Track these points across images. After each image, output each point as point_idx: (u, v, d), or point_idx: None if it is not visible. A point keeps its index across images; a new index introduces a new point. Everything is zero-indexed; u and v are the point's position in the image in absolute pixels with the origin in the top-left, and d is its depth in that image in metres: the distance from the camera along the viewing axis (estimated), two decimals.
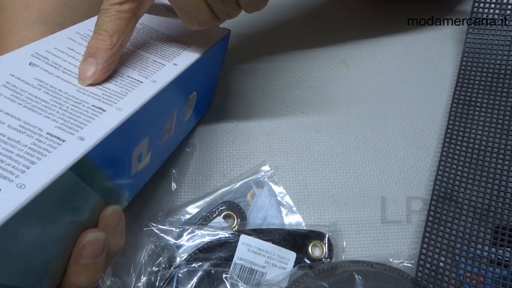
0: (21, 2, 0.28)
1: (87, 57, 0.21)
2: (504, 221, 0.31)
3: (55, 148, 0.17)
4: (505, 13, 0.39)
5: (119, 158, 0.21)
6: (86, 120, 0.19)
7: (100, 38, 0.21)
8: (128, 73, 0.23)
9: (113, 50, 0.21)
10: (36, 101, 0.18)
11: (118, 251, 0.22)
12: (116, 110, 0.20)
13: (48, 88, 0.19)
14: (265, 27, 0.43)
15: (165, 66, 0.24)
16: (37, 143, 0.17)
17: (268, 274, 0.29)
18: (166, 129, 0.27)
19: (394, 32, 0.43)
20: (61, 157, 0.16)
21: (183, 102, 0.28)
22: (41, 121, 0.18)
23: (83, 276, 0.19)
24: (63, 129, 0.18)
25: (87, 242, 0.19)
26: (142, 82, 0.22)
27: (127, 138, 0.21)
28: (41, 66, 0.21)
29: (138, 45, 0.25)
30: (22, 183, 0.15)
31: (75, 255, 0.19)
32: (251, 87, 0.39)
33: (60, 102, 0.19)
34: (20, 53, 0.21)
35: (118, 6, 0.21)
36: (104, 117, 0.19)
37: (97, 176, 0.19)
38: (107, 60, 0.21)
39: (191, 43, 0.27)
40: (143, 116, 0.22)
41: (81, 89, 0.20)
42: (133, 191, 0.26)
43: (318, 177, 0.35)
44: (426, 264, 0.30)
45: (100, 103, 0.20)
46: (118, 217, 0.21)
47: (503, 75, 0.37)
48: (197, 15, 0.23)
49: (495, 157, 0.33)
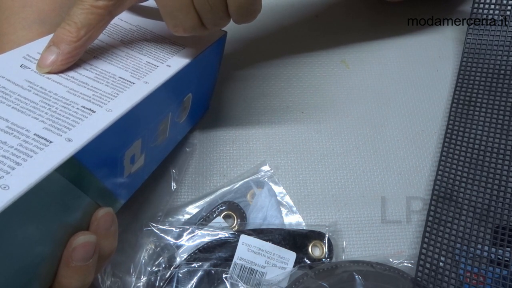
0: (19, 2, 0.27)
1: (50, 45, 0.21)
2: (504, 221, 0.31)
3: (42, 149, 0.17)
4: (505, 13, 0.39)
5: (110, 159, 0.21)
6: (74, 121, 0.18)
7: (67, 28, 0.21)
8: (120, 74, 0.23)
9: (78, 43, 0.21)
10: (25, 103, 0.18)
11: (111, 253, 0.22)
12: (106, 111, 0.20)
13: (38, 89, 0.19)
14: (265, 27, 0.43)
15: (158, 68, 0.24)
16: (24, 144, 0.16)
17: (268, 274, 0.29)
18: (160, 131, 0.27)
19: (394, 32, 0.43)
20: (47, 158, 0.16)
21: (177, 104, 0.28)
22: (29, 122, 0.18)
23: (74, 279, 0.19)
24: (51, 130, 0.18)
25: (77, 244, 0.19)
26: (134, 83, 0.22)
27: (117, 139, 0.21)
28: (32, 68, 0.20)
29: (131, 46, 0.25)
30: (6, 184, 0.15)
31: (66, 258, 0.19)
32: (251, 87, 0.39)
33: (50, 103, 0.19)
34: (11, 55, 0.21)
35: (93, 1, 0.21)
36: (93, 118, 0.19)
37: (86, 178, 0.19)
38: (69, 52, 0.21)
39: (186, 45, 0.27)
40: (134, 118, 0.21)
41: (71, 90, 0.20)
42: (127, 193, 0.25)
43: (318, 177, 0.35)
44: (426, 264, 0.30)
45: (90, 104, 0.20)
46: (110, 219, 0.21)
47: (503, 75, 0.37)
48: (183, 21, 0.22)
49: (495, 157, 0.33)
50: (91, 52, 0.23)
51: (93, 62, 0.23)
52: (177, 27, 0.23)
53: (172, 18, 0.22)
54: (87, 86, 0.21)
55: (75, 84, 0.21)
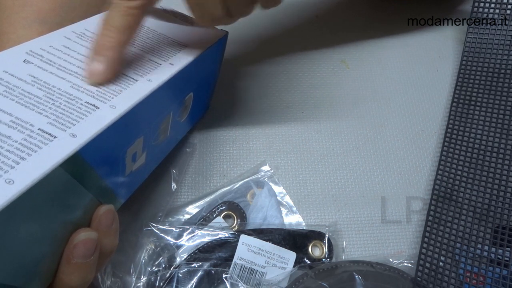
0: (19, 2, 0.27)
1: (94, 55, 0.21)
2: (504, 220, 0.31)
3: (46, 144, 0.16)
4: (505, 13, 0.39)
5: (112, 157, 0.21)
6: (78, 116, 0.18)
7: (110, 35, 0.21)
8: (123, 71, 0.23)
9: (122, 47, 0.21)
10: (29, 97, 0.18)
11: (112, 251, 0.22)
12: (110, 107, 0.20)
13: (41, 84, 0.19)
14: (265, 27, 0.43)
15: (161, 66, 0.24)
16: (28, 139, 0.16)
17: (268, 274, 0.29)
18: (162, 130, 0.27)
19: (394, 32, 0.43)
20: (52, 154, 0.16)
21: (179, 102, 0.28)
22: (33, 116, 0.17)
23: (74, 276, 0.19)
24: (55, 125, 0.17)
25: (78, 241, 0.19)
26: (137, 81, 0.22)
27: (120, 136, 0.21)
28: (35, 63, 0.20)
29: (135, 43, 0.25)
30: (11, 178, 0.15)
31: (67, 255, 0.19)
32: (251, 87, 0.39)
33: (53, 98, 0.19)
34: (14, 51, 0.21)
35: (127, 1, 0.21)
36: (97, 114, 0.19)
37: (89, 174, 0.19)
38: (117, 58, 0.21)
39: (188, 44, 0.27)
40: (137, 115, 0.21)
41: (75, 85, 0.20)
42: (128, 191, 0.25)
43: (318, 177, 0.35)
44: (426, 263, 0.30)
45: (93, 100, 0.20)
46: (111, 217, 0.21)
47: (503, 75, 0.37)
48: (210, 10, 0.22)
49: (495, 157, 0.33)
50: None
51: None
52: (203, 17, 0.23)
53: (199, 8, 0.22)
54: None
55: (78, 80, 0.21)
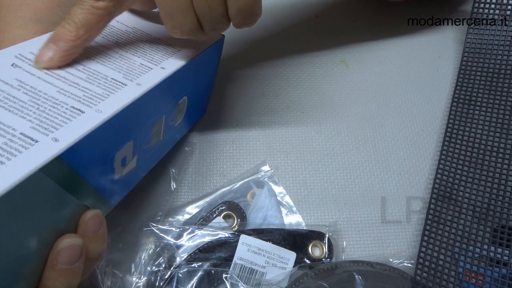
0: (16, 1, 0.27)
1: (49, 42, 0.21)
2: (504, 220, 0.31)
3: (27, 148, 0.16)
4: (505, 13, 0.39)
5: (99, 161, 0.21)
6: (62, 121, 0.18)
7: (67, 27, 0.21)
8: (112, 76, 0.22)
9: (76, 42, 0.21)
10: (13, 101, 0.18)
11: (99, 256, 0.22)
12: (96, 112, 0.19)
13: (28, 88, 0.19)
14: (265, 27, 0.43)
15: (152, 70, 0.24)
16: (9, 143, 0.16)
17: (268, 274, 0.29)
18: (154, 133, 0.26)
19: (394, 32, 0.43)
20: (32, 158, 0.16)
21: (172, 106, 0.27)
22: (16, 121, 0.17)
23: (59, 282, 0.19)
24: (37, 130, 0.17)
25: (63, 247, 0.19)
26: (126, 85, 0.22)
27: (107, 140, 0.20)
28: (23, 67, 0.20)
29: (126, 48, 0.25)
30: None
31: (51, 260, 0.18)
32: (251, 87, 0.39)
33: (39, 102, 0.19)
34: (3, 54, 0.21)
35: (94, 1, 0.21)
36: (82, 119, 0.19)
37: (74, 179, 0.19)
38: (66, 50, 0.21)
39: (181, 48, 0.27)
40: (125, 119, 0.21)
41: (61, 90, 0.20)
42: (119, 196, 0.25)
43: (318, 177, 0.35)
44: (426, 262, 0.30)
45: (79, 104, 0.20)
46: (98, 222, 0.21)
47: (503, 75, 0.37)
48: (182, 22, 0.22)
49: (495, 157, 0.33)
50: (84, 53, 0.23)
51: (86, 63, 0.23)
52: (175, 29, 0.23)
53: (170, 19, 0.22)
54: (78, 86, 0.21)
55: (66, 85, 0.20)
